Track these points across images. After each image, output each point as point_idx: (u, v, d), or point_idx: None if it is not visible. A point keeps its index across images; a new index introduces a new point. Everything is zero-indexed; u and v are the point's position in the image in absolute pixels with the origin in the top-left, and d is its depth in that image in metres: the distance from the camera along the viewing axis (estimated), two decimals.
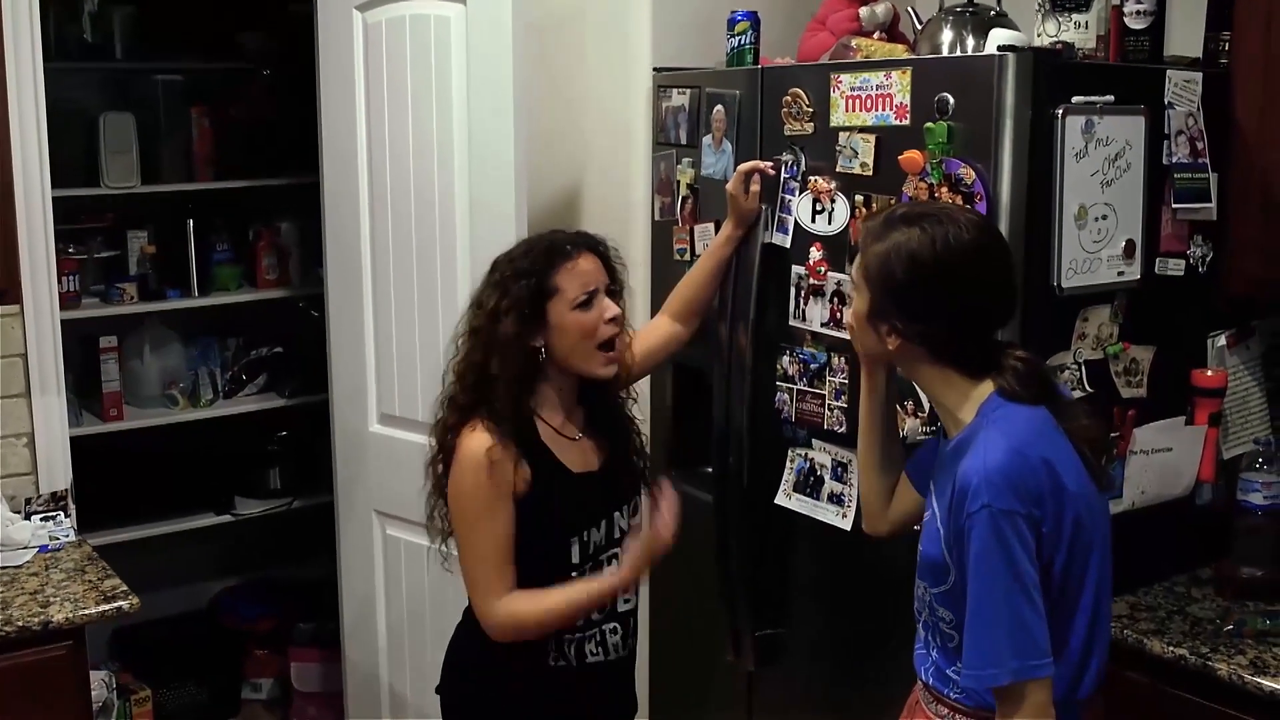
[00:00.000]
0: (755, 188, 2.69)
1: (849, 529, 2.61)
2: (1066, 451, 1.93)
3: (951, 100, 2.33)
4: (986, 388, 1.96)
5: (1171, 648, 2.36)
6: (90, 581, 2.82)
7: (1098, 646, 1.99)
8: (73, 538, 3.07)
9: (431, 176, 3.08)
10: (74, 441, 3.28)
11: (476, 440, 2.28)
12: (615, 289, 2.40)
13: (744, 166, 2.69)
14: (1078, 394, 2.39)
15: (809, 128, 2.62)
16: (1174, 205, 2.52)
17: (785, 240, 2.69)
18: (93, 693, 2.90)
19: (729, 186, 2.70)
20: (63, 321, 3.23)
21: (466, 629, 2.50)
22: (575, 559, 2.36)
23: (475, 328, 2.34)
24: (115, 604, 2.72)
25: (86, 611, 2.68)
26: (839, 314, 2.59)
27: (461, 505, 2.32)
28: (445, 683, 2.54)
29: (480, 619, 2.33)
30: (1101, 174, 2.37)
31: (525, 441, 2.32)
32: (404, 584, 3.35)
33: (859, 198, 2.52)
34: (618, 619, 2.45)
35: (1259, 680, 2.23)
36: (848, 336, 2.55)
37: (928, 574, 2.00)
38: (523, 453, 2.31)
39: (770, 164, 2.69)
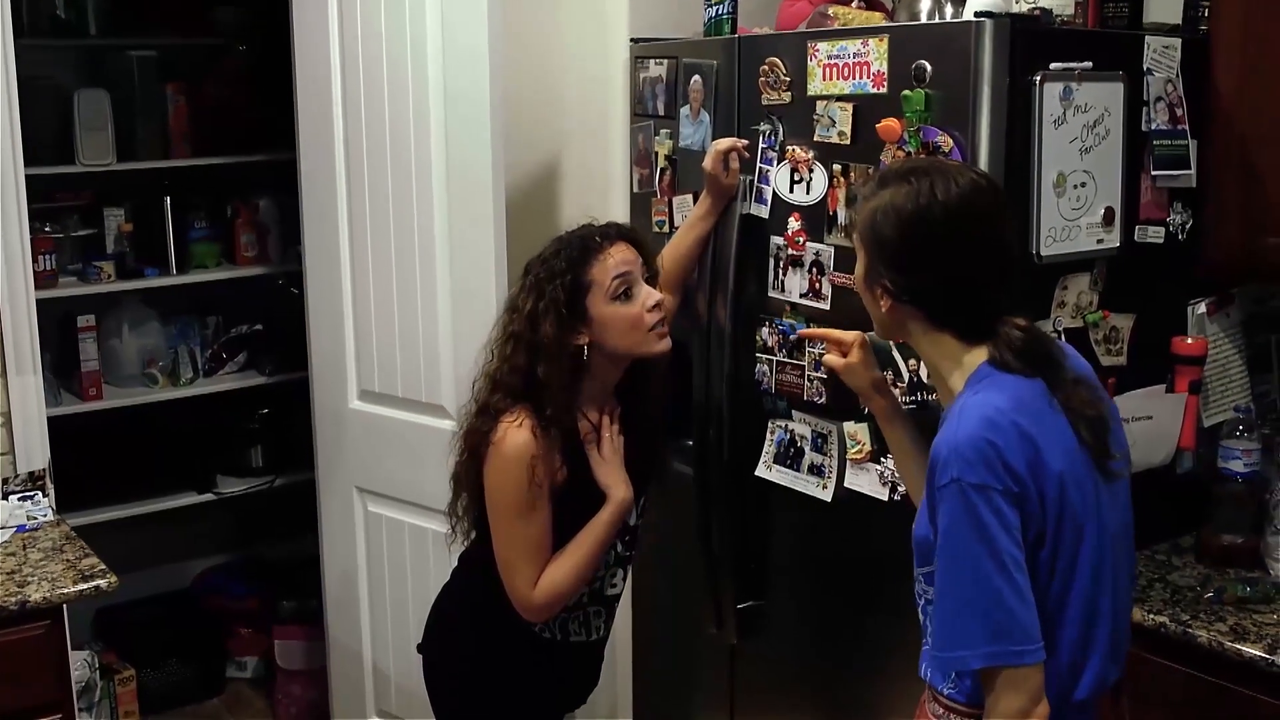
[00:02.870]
0: (734, 165, 2.67)
1: (829, 500, 2.61)
2: (1057, 428, 1.82)
3: (929, 68, 2.31)
4: (979, 356, 1.88)
5: (1152, 615, 2.36)
6: (68, 561, 2.81)
7: (1097, 646, 1.86)
8: (51, 517, 3.06)
9: (408, 150, 3.06)
10: (52, 421, 3.27)
11: (522, 439, 2.25)
12: (650, 274, 2.38)
13: (720, 145, 2.66)
14: None
15: (786, 97, 2.60)
16: (1153, 172, 2.51)
17: (764, 211, 2.67)
18: (74, 673, 2.89)
19: (706, 165, 2.67)
20: (39, 301, 3.21)
21: (453, 590, 2.53)
22: None
23: (514, 332, 2.31)
24: (93, 583, 2.70)
25: (64, 591, 2.66)
26: (818, 284, 2.58)
27: (502, 500, 2.30)
28: (429, 641, 2.56)
29: (517, 604, 2.32)
30: (1080, 141, 2.35)
31: (566, 441, 2.32)
32: (385, 560, 3.34)
33: (837, 167, 2.51)
34: (603, 603, 2.50)
35: (1239, 646, 2.24)
36: (826, 307, 2.56)
37: (916, 554, 1.90)
38: (563, 455, 2.31)
39: (745, 143, 2.67)
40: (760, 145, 2.67)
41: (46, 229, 3.89)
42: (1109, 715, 2.00)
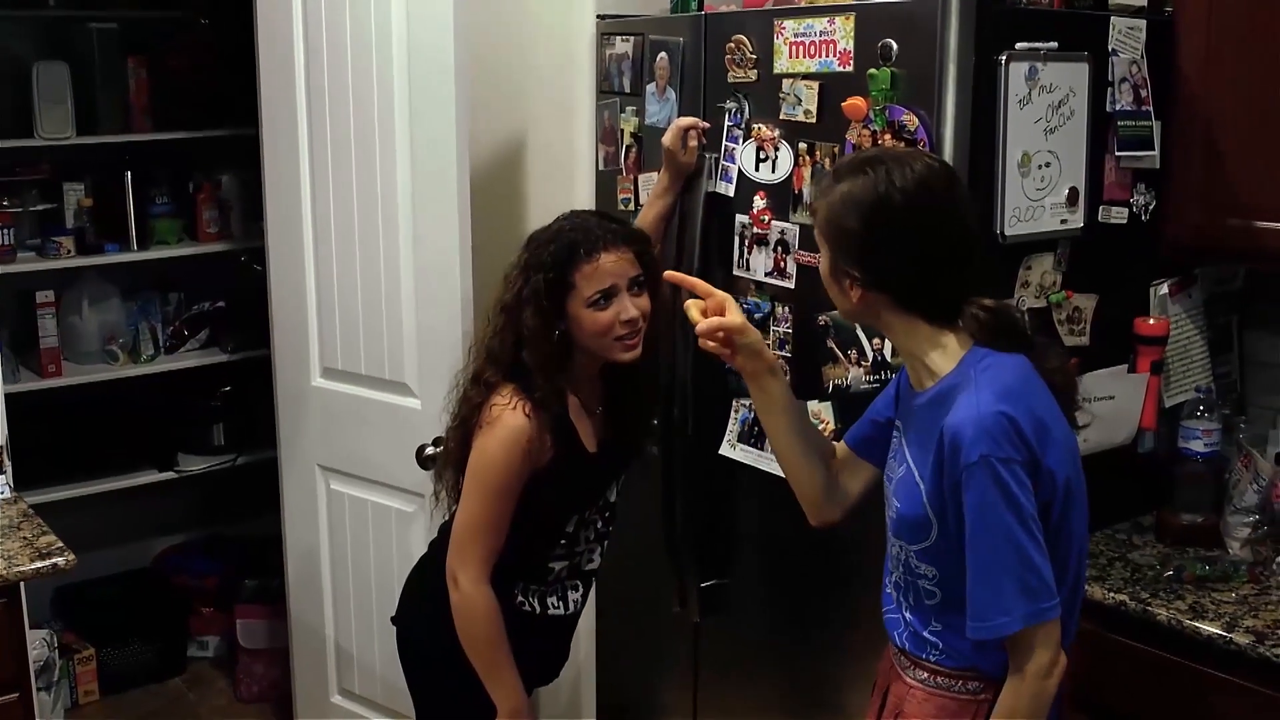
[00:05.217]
0: (692, 143, 2.67)
1: None
2: (1050, 399, 1.90)
3: (895, 46, 2.31)
4: (963, 338, 1.92)
5: (1112, 594, 2.38)
6: (25, 538, 2.77)
7: (1078, 605, 1.98)
8: (8, 495, 3.02)
9: (372, 125, 3.03)
10: (10, 398, 3.22)
11: (518, 422, 2.29)
12: (643, 281, 2.36)
13: (681, 122, 2.66)
14: None
15: (752, 75, 2.59)
16: (1117, 153, 2.51)
17: (729, 189, 2.67)
18: (32, 652, 2.85)
19: (665, 141, 2.67)
20: None
21: (434, 561, 2.52)
22: (570, 529, 2.44)
23: (505, 304, 2.35)
24: (51, 561, 2.67)
25: (21, 569, 2.63)
26: (783, 263, 2.57)
27: (485, 476, 2.33)
28: (404, 612, 2.58)
29: (451, 570, 2.36)
30: (1045, 121, 2.35)
31: (555, 419, 2.34)
32: (348, 538, 3.32)
33: (803, 145, 2.50)
34: (581, 578, 2.52)
35: (1197, 625, 2.25)
36: (791, 285, 2.56)
37: (906, 532, 1.94)
38: (552, 435, 2.33)
39: (706, 125, 2.67)
40: (726, 123, 2.66)
41: (4, 203, 3.84)
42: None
